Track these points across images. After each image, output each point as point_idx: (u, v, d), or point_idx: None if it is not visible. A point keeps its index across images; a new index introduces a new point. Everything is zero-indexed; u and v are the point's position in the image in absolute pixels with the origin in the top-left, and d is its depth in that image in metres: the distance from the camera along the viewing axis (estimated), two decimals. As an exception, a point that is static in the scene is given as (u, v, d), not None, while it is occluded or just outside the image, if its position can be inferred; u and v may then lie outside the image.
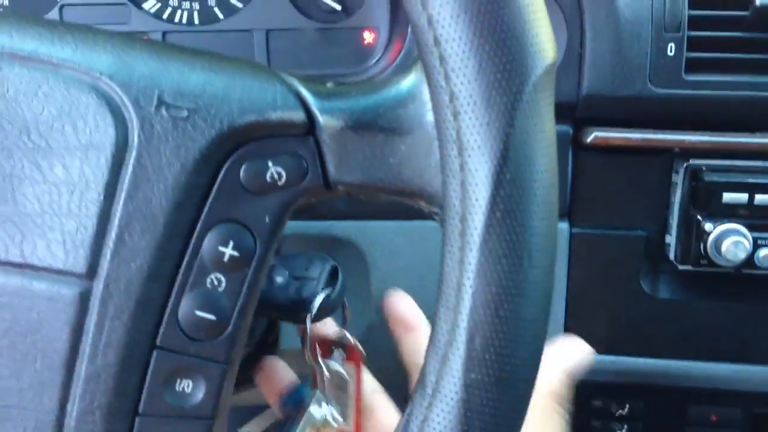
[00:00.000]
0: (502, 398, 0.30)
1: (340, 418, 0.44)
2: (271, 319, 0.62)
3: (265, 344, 0.65)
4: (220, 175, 0.32)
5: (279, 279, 0.41)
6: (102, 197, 0.31)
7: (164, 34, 0.68)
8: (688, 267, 0.59)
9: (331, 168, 0.33)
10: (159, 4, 0.68)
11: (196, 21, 0.68)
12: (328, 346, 0.47)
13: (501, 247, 0.30)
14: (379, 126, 0.32)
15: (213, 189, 0.32)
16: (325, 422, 0.42)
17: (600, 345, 0.65)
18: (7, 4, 0.67)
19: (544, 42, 0.30)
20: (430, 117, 0.32)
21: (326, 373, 0.44)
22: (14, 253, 0.31)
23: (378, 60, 0.66)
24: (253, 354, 0.56)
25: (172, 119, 0.31)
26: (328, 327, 0.47)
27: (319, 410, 0.43)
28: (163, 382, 0.32)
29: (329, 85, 0.34)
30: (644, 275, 0.62)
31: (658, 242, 0.61)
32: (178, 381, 0.33)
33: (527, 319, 0.30)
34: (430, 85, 0.30)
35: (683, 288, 0.62)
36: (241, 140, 0.32)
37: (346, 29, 0.68)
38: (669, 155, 0.59)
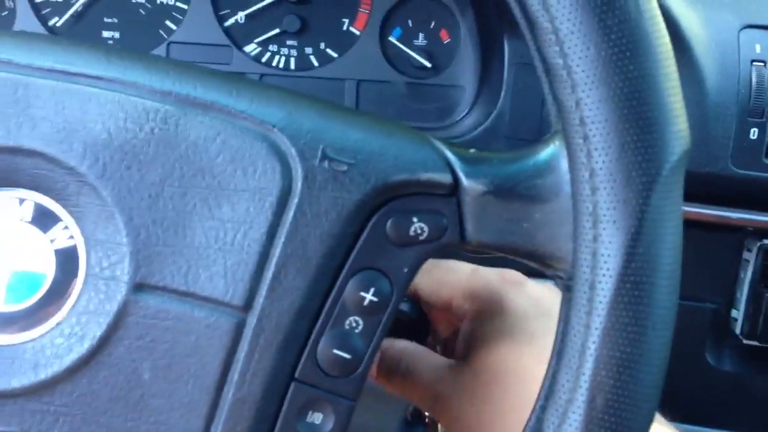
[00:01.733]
0: None
1: None
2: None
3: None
4: (369, 226, 0.35)
5: None
6: (264, 237, 0.34)
7: (261, 76, 0.72)
8: (755, 342, 0.61)
9: (469, 227, 0.35)
10: (259, 49, 0.72)
11: (293, 66, 0.72)
12: None
13: (628, 316, 0.32)
14: (517, 193, 0.35)
15: (361, 238, 0.35)
16: None
17: (663, 414, 0.66)
18: (118, 37, 0.72)
19: (682, 130, 0.32)
20: (566, 188, 0.34)
21: None
22: (179, 281, 0.34)
23: (462, 118, 0.70)
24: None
25: (333, 172, 0.34)
26: None
27: None
28: (297, 412, 0.35)
29: (472, 151, 0.37)
30: (710, 347, 0.63)
31: (725, 315, 0.63)
32: (310, 413, 0.35)
33: (646, 384, 0.33)
34: (571, 160, 0.33)
35: (747, 362, 0.64)
36: (392, 196, 0.35)
37: (433, 86, 0.72)
38: (741, 233, 0.61)
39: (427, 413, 0.50)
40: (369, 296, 0.35)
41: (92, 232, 0.34)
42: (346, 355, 0.35)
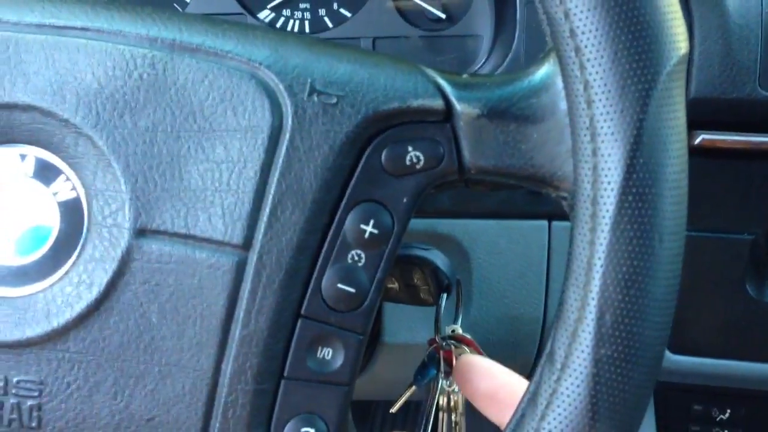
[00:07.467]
0: (630, 374, 0.31)
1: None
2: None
3: (369, 337, 0.67)
4: (364, 158, 0.35)
5: None
6: (258, 175, 0.34)
7: (277, 41, 0.72)
8: (796, 271, 0.59)
9: (465, 153, 0.35)
10: (273, 14, 0.72)
11: (307, 29, 0.72)
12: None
13: (632, 229, 0.31)
14: (512, 114, 0.34)
15: (357, 170, 0.35)
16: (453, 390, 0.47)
17: (703, 348, 0.65)
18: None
19: (678, 33, 0.31)
20: (562, 105, 0.33)
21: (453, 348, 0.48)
22: (180, 224, 0.34)
23: (481, 66, 0.68)
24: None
25: (323, 105, 0.34)
26: None
27: (446, 382, 0.47)
28: (306, 348, 0.35)
29: (465, 76, 0.36)
30: (749, 279, 0.61)
31: (764, 246, 0.61)
32: (320, 348, 0.35)
33: (656, 298, 0.32)
34: (564, 74, 0.32)
35: (790, 293, 0.62)
36: (384, 126, 0.35)
37: (450, 37, 0.71)
38: (776, 159, 0.59)
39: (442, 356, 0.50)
40: (369, 228, 0.35)
41: (92, 181, 0.35)
42: (351, 289, 0.35)
